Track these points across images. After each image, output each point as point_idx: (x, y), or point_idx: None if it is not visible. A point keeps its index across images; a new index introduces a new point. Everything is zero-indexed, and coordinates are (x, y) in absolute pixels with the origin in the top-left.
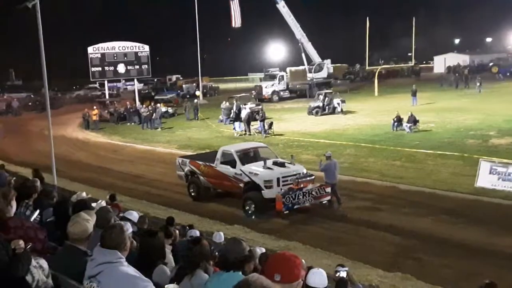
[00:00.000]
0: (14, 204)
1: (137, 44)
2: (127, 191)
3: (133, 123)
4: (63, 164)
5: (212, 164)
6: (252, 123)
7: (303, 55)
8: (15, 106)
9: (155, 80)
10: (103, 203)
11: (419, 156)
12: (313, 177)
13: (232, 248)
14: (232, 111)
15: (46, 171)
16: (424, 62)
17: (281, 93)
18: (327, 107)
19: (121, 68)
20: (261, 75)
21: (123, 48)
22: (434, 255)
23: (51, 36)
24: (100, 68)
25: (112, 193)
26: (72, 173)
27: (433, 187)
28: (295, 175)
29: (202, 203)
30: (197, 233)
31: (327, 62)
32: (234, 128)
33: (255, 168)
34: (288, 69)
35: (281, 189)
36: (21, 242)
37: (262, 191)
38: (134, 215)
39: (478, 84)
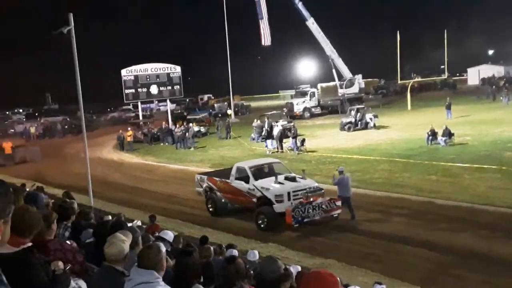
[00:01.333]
0: (54, 226)
1: (169, 65)
2: (161, 210)
3: (166, 143)
4: (99, 185)
5: (227, 180)
6: (284, 140)
7: (333, 70)
8: (59, 128)
9: (187, 100)
10: (139, 223)
11: (455, 170)
12: (322, 191)
13: (267, 266)
14: (264, 129)
15: (82, 192)
16: (458, 74)
17: (313, 109)
18: (359, 122)
19: (153, 89)
20: (292, 92)
21: (156, 69)
22: (474, 271)
23: (86, 60)
24: (133, 90)
25: (152, 214)
26: (107, 194)
27: (471, 202)
28: (305, 189)
29: (236, 222)
30: (235, 253)
31: (358, 77)
32: (266, 146)
33: (267, 183)
34: (319, 85)
35: (292, 203)
36: (60, 263)
37: (274, 206)
38: (169, 235)
39: (503, 96)
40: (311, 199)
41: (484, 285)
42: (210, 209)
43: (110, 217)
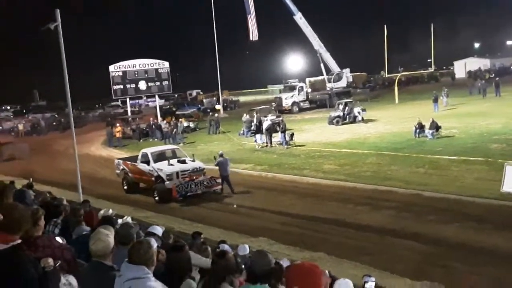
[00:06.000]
0: (42, 223)
1: (157, 61)
2: (151, 206)
3: (155, 139)
4: (88, 181)
5: (135, 163)
6: (273, 134)
7: (321, 65)
8: (43, 125)
9: (176, 95)
10: (129, 219)
11: (442, 162)
12: (204, 170)
13: (258, 260)
14: (253, 123)
15: (71, 189)
16: (444, 67)
17: (301, 104)
18: (347, 116)
19: (142, 85)
20: (281, 86)
21: (144, 65)
22: (462, 262)
23: (73, 56)
24: (121, 86)
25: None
26: (97, 190)
27: (458, 194)
28: (190, 170)
29: (229, 218)
30: (227, 247)
31: (346, 71)
32: (255, 141)
33: (162, 165)
34: (307, 80)
35: (179, 181)
36: (50, 260)
37: (166, 183)
38: (158, 230)
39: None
40: (194, 177)
41: (472, 275)
42: (125, 187)
43: (111, 211)
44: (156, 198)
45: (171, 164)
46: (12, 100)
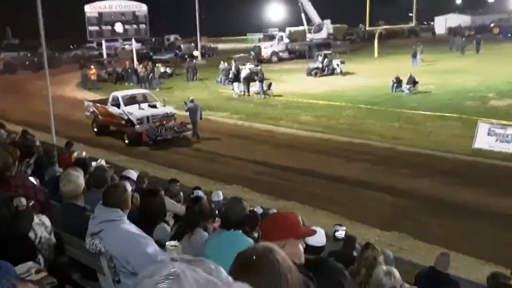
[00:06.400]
0: (16, 163)
1: (135, 3)
2: (125, 150)
3: (131, 83)
4: (62, 124)
5: (105, 106)
6: (251, 84)
7: (302, 15)
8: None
9: (153, 40)
10: (103, 162)
11: (417, 117)
12: (174, 115)
13: (232, 207)
14: (230, 71)
15: (45, 130)
16: (425, 22)
17: (280, 53)
18: (326, 68)
19: (118, 28)
20: (260, 35)
21: (121, 7)
22: (431, 215)
23: None
24: (97, 28)
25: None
26: (71, 133)
27: (431, 149)
28: (161, 114)
29: (204, 165)
30: (201, 193)
31: (327, 22)
32: (232, 89)
33: (132, 109)
34: (287, 29)
35: (150, 125)
36: (23, 199)
37: (136, 127)
38: (133, 174)
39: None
40: (164, 122)
41: (441, 228)
42: (95, 130)
43: (84, 153)
44: (126, 141)
45: (142, 108)
46: None
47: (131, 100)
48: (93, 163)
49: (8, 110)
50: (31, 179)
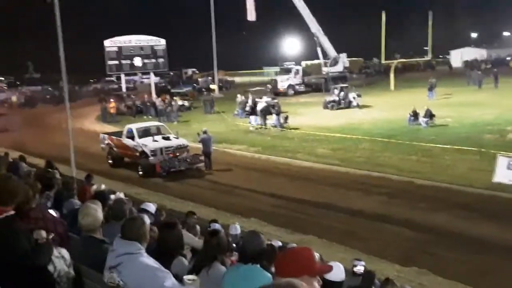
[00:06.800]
0: (37, 196)
1: (154, 38)
2: (143, 183)
3: (149, 116)
4: (81, 156)
5: (120, 138)
6: (267, 116)
7: (318, 49)
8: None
9: (171, 73)
10: (122, 195)
11: (435, 151)
12: (187, 147)
13: (250, 241)
14: (247, 104)
15: (64, 163)
16: (441, 56)
17: (297, 87)
18: (342, 101)
19: (137, 62)
20: (277, 69)
21: (140, 41)
22: (450, 250)
23: (68, 29)
24: (116, 62)
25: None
26: (90, 165)
27: (450, 182)
28: (174, 146)
29: (221, 198)
30: (218, 226)
31: (343, 56)
32: (250, 122)
33: (146, 141)
34: (303, 63)
35: (163, 157)
36: (43, 232)
37: (150, 158)
38: (151, 207)
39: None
40: (178, 154)
41: (460, 263)
42: (110, 161)
43: (103, 186)
44: (140, 172)
45: (156, 140)
46: (7, 71)
47: (145, 133)
48: (112, 196)
49: (28, 143)
50: (51, 211)
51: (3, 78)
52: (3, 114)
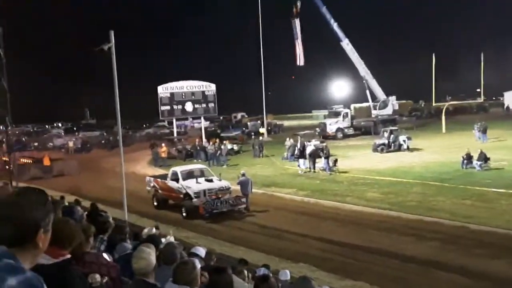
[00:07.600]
0: (91, 240)
1: (204, 83)
2: (193, 227)
3: (199, 160)
4: (133, 199)
5: (165, 181)
6: (316, 160)
7: (367, 91)
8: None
9: (221, 117)
10: (172, 239)
11: (490, 195)
12: (230, 189)
13: (301, 286)
14: (296, 148)
15: (117, 206)
16: (494, 97)
17: (346, 130)
18: (392, 144)
19: (188, 107)
20: (325, 112)
21: (191, 87)
22: None
23: (123, 76)
24: (169, 107)
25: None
26: (141, 208)
27: (507, 228)
28: (217, 188)
29: (270, 242)
30: (267, 273)
31: (392, 98)
32: (298, 165)
33: (190, 183)
34: (352, 106)
35: (207, 199)
36: (98, 276)
37: (193, 200)
38: (201, 251)
39: None
40: (220, 196)
41: None
42: (155, 204)
43: (154, 229)
44: (184, 214)
45: (199, 183)
46: (64, 118)
47: (189, 175)
48: (163, 239)
49: (83, 187)
50: (105, 255)
51: (60, 124)
52: (60, 159)
